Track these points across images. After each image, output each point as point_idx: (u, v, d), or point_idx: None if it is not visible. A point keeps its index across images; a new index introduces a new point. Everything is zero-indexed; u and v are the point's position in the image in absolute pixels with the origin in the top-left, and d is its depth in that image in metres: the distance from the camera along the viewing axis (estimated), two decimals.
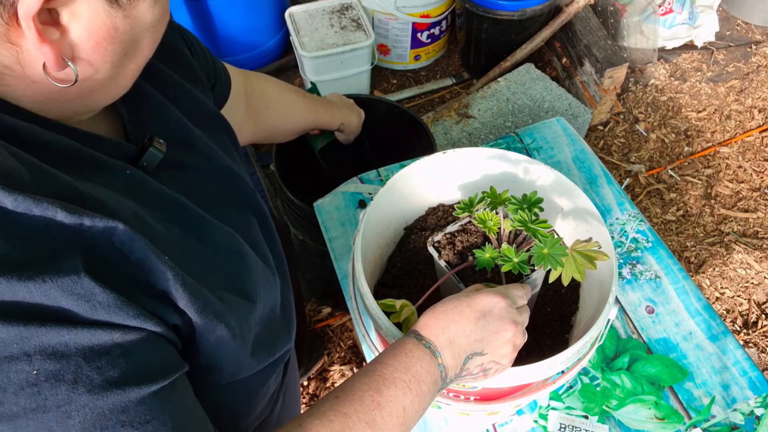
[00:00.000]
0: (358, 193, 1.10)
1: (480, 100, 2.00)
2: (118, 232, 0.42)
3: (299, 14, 2.06)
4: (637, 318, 0.96)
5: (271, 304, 0.62)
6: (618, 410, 0.87)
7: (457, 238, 0.77)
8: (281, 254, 0.71)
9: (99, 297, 0.41)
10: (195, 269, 0.49)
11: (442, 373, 0.60)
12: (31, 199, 0.39)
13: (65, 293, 0.39)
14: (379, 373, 0.57)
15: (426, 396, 0.58)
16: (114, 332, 0.42)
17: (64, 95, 0.47)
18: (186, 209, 0.54)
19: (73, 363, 0.40)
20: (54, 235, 0.40)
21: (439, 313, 0.62)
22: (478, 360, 0.62)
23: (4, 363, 0.38)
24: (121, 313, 0.42)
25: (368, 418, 0.53)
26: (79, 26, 0.43)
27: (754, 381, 0.89)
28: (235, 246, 0.57)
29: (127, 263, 0.44)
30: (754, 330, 1.75)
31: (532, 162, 0.82)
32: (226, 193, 0.63)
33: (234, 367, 0.56)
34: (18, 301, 0.38)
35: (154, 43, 0.51)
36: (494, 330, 0.62)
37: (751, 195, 2.04)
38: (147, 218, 0.48)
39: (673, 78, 2.36)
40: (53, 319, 0.40)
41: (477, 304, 0.62)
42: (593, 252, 0.64)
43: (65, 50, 0.44)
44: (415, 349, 0.59)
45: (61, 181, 0.43)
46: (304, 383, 1.65)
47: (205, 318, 0.48)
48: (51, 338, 0.39)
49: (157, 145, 0.54)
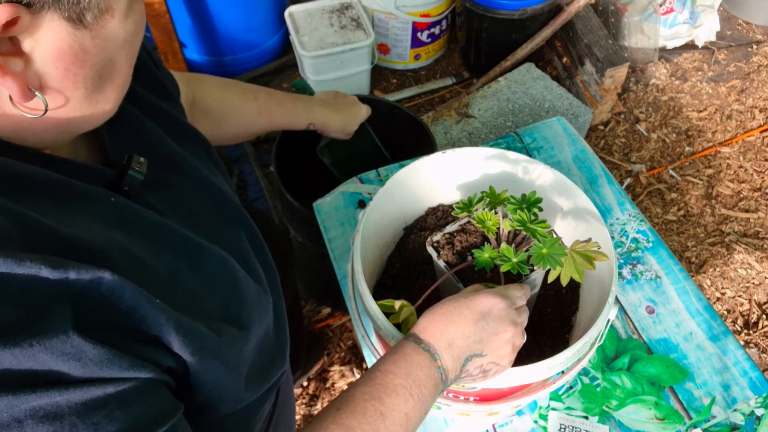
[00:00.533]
0: (357, 193, 1.10)
1: (480, 100, 1.99)
2: (105, 281, 0.41)
3: (299, 13, 2.05)
4: (637, 318, 0.95)
5: (265, 327, 0.60)
6: (618, 411, 0.87)
7: (456, 238, 0.76)
8: (272, 267, 0.69)
9: (89, 354, 0.39)
10: (188, 301, 0.48)
11: (443, 376, 0.59)
12: (13, 259, 0.37)
13: (54, 355, 0.38)
14: (379, 381, 0.56)
15: (427, 400, 0.58)
16: (107, 386, 0.40)
17: (38, 125, 0.45)
18: (175, 235, 0.52)
19: (68, 423, 0.38)
20: (39, 293, 0.38)
21: (438, 314, 0.61)
22: (478, 361, 0.62)
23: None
24: (114, 366, 0.40)
25: (372, 428, 0.53)
26: (42, 53, 0.40)
27: (755, 381, 0.89)
28: (228, 272, 0.56)
29: (117, 312, 0.42)
30: (755, 330, 1.75)
31: (531, 162, 0.82)
32: (213, 210, 0.61)
33: (230, 401, 0.55)
34: (4, 369, 0.37)
35: (131, 59, 0.48)
36: (493, 331, 0.61)
37: (752, 195, 2.03)
38: (137, 252, 0.46)
39: (674, 78, 2.36)
40: (43, 382, 0.38)
41: (476, 305, 0.62)
42: (592, 252, 0.64)
43: (31, 80, 0.41)
44: (415, 353, 0.58)
45: (44, 227, 0.41)
46: (304, 384, 1.65)
47: (200, 357, 0.47)
48: (42, 401, 0.38)
49: (137, 167, 0.51)
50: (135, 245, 0.46)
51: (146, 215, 0.50)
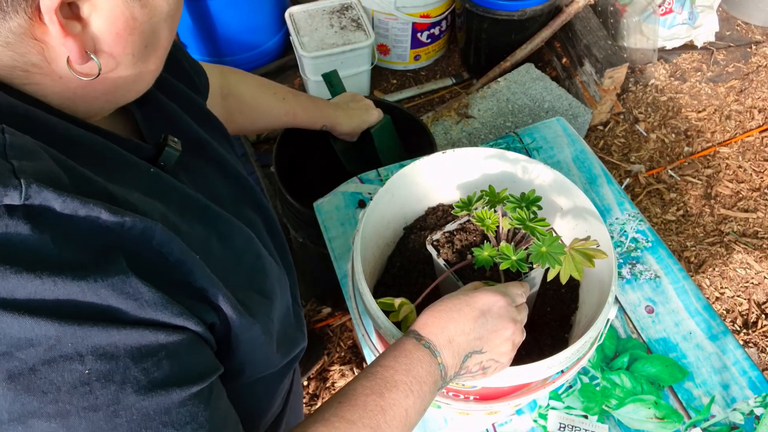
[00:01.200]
0: (357, 192, 1.10)
1: (480, 100, 2.00)
2: (157, 233, 0.44)
3: (299, 14, 2.06)
4: (636, 318, 0.96)
5: (286, 304, 0.63)
6: (618, 410, 0.87)
7: (456, 236, 0.77)
8: (288, 253, 0.72)
9: (146, 296, 0.42)
10: (219, 271, 0.50)
11: (442, 372, 0.60)
12: (78, 201, 0.40)
13: (115, 292, 0.41)
14: (380, 376, 0.57)
15: (427, 397, 0.58)
16: (159, 333, 0.43)
17: (90, 91, 0.48)
18: (208, 210, 0.55)
19: (122, 364, 0.41)
20: (100, 236, 0.41)
21: (438, 312, 0.62)
22: (477, 358, 0.62)
23: (60, 362, 0.40)
24: (167, 311, 0.43)
25: (372, 423, 0.54)
26: (99, 18, 0.44)
27: (754, 381, 0.89)
28: (253, 247, 0.59)
29: (166, 264, 0.45)
30: (754, 330, 1.75)
31: (531, 161, 0.82)
32: (237, 195, 0.65)
33: (263, 364, 0.57)
34: (71, 299, 0.39)
35: (171, 33, 0.51)
36: (493, 328, 0.62)
37: (751, 195, 2.04)
38: (174, 220, 0.49)
39: (673, 78, 2.36)
40: (104, 318, 0.41)
41: (476, 302, 0.62)
42: (591, 250, 0.64)
43: (87, 43, 0.44)
44: (415, 350, 0.59)
45: (96, 184, 0.44)
46: (304, 383, 1.66)
47: (240, 315, 0.50)
48: (102, 339, 0.41)
49: (173, 144, 0.55)
50: (171, 213, 0.49)
51: (181, 188, 0.54)
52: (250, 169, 1.83)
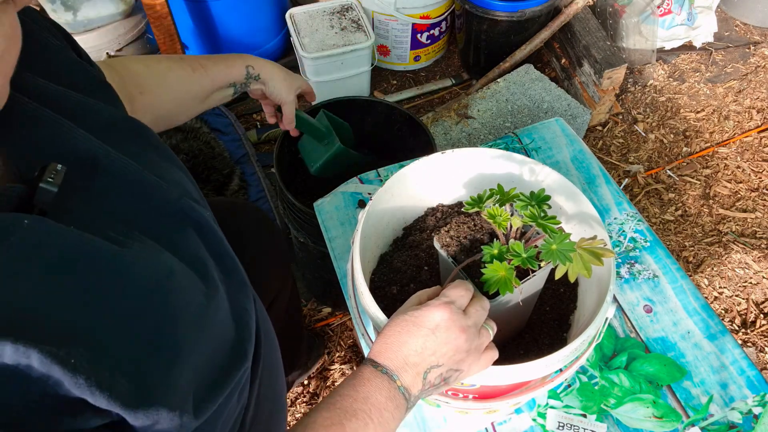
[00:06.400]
0: (357, 193, 1.11)
1: (479, 101, 2.00)
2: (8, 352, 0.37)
3: (300, 15, 2.06)
4: (635, 317, 0.96)
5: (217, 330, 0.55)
6: (616, 409, 0.88)
7: (463, 234, 0.77)
8: (229, 253, 0.65)
9: None
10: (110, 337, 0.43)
11: (405, 394, 0.61)
12: None
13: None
14: (339, 406, 0.58)
15: (390, 422, 0.59)
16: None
17: None
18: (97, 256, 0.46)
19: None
20: None
21: (389, 336, 0.63)
22: (436, 371, 0.63)
23: None
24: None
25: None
26: None
27: (752, 380, 0.90)
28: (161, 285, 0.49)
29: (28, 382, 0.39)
30: (753, 329, 1.76)
31: (532, 162, 0.83)
32: (148, 207, 0.57)
33: None
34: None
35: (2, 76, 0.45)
36: (444, 341, 0.62)
37: (750, 195, 2.04)
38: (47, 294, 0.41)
39: (672, 79, 2.37)
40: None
41: (422, 321, 0.63)
42: (599, 249, 0.65)
43: None
44: (373, 377, 0.60)
45: None
46: (305, 382, 1.66)
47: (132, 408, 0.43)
48: None
49: (50, 177, 0.46)
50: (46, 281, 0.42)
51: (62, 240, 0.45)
52: (251, 170, 1.83)
